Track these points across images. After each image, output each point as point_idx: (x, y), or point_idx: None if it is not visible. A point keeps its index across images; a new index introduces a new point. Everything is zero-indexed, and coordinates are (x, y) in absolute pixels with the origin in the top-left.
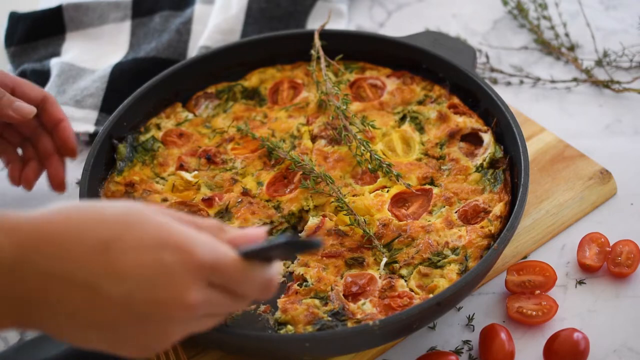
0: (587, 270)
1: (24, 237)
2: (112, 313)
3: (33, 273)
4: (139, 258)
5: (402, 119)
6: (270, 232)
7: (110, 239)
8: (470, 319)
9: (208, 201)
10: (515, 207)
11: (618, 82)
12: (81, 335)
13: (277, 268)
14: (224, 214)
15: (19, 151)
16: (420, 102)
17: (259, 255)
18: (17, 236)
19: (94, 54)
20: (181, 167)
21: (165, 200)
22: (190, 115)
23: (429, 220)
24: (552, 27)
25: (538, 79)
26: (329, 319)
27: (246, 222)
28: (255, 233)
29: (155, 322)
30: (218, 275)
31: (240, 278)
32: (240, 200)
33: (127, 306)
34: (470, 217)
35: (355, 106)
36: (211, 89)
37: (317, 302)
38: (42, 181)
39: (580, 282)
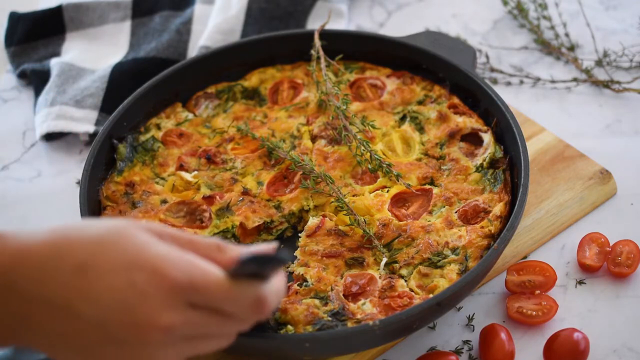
0: (587, 270)
1: (8, 260)
2: (91, 336)
3: (16, 296)
4: (112, 280)
5: (402, 119)
6: (269, 230)
7: (85, 263)
8: (470, 319)
9: (209, 199)
10: (515, 207)
11: (618, 82)
12: (69, 357)
13: (277, 284)
14: (225, 211)
15: None
16: (420, 102)
17: (244, 272)
18: (3, 256)
19: (94, 54)
20: (181, 167)
21: (164, 201)
22: (190, 115)
23: (429, 220)
24: (552, 27)
25: (538, 79)
26: (329, 319)
27: (247, 220)
28: (260, 251)
29: (132, 345)
30: (198, 296)
31: (225, 297)
32: (241, 199)
33: (104, 329)
34: (470, 217)
35: (355, 106)
36: (211, 89)
37: (317, 302)
38: (43, 181)
39: (580, 282)
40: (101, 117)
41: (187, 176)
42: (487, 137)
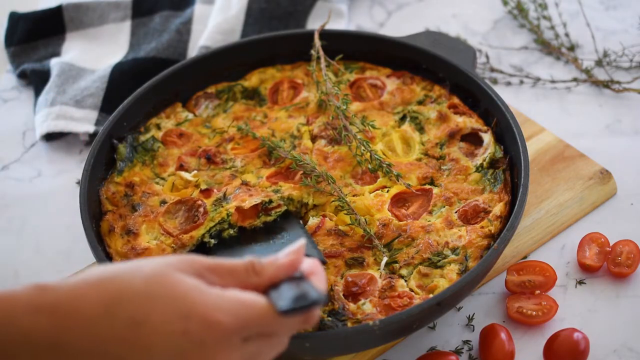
0: (587, 270)
1: (61, 318)
2: None
3: (70, 351)
4: (167, 330)
5: (402, 119)
6: (267, 211)
7: (139, 319)
8: (470, 319)
9: (206, 192)
10: (515, 207)
11: (618, 82)
12: None
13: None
14: (222, 200)
15: None
16: (420, 102)
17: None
18: (55, 316)
19: (94, 54)
20: (181, 167)
21: (164, 202)
22: (190, 115)
23: (429, 220)
24: (552, 27)
25: (538, 79)
26: (329, 319)
27: (243, 202)
28: (291, 258)
29: None
30: (249, 331)
31: (274, 322)
32: (238, 189)
33: None
34: (470, 217)
35: (355, 106)
36: (211, 89)
37: None
38: (43, 181)
39: (580, 282)
40: (101, 117)
41: (187, 176)
42: (487, 137)
